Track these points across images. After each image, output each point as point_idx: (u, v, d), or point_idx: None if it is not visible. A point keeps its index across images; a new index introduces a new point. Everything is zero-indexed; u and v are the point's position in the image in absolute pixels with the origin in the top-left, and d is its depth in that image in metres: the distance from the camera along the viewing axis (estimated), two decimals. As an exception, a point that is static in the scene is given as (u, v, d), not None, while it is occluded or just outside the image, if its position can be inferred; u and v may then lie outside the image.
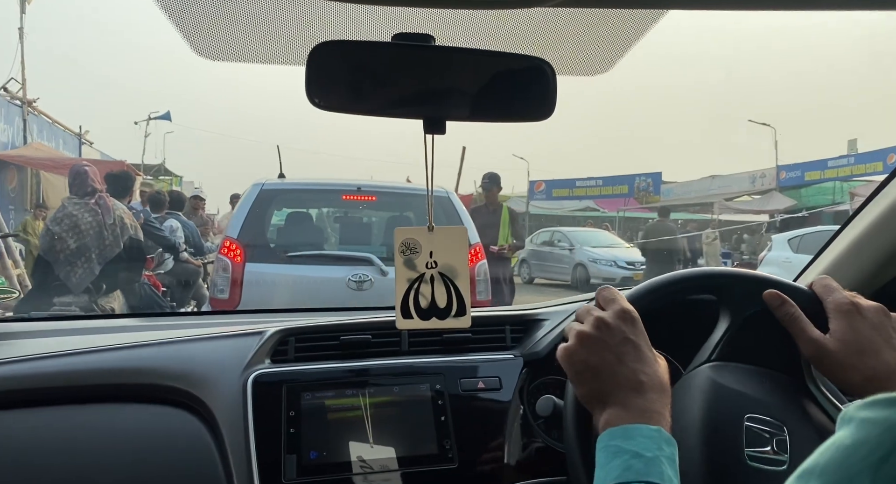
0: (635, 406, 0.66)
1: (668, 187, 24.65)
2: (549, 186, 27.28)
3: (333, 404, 0.96)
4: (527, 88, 0.81)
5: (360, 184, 4.25)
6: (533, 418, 1.01)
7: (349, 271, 3.71)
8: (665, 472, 0.61)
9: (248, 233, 3.78)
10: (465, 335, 1.09)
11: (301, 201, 4.48)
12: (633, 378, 0.68)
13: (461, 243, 0.89)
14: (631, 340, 0.70)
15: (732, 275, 0.86)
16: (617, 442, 0.63)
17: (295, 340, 1.04)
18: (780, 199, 18.54)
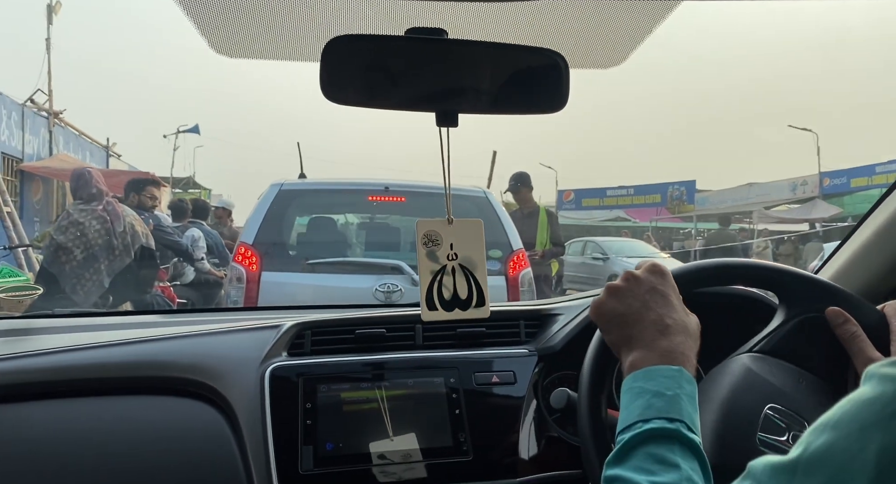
0: (659, 347, 0.69)
1: (703, 196, 24.28)
2: (578, 196, 27.16)
3: (349, 397, 0.99)
4: (539, 81, 0.83)
5: (388, 183, 3.85)
6: (548, 412, 1.03)
7: (376, 280, 3.43)
8: (685, 408, 0.64)
9: (265, 238, 3.50)
10: (479, 329, 1.11)
11: (323, 203, 4.17)
12: (658, 322, 0.71)
13: (478, 236, 0.92)
14: (658, 289, 0.74)
15: (799, 275, 0.86)
16: (640, 383, 0.67)
17: (311, 333, 1.08)
18: (824, 208, 18.07)
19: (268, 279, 3.39)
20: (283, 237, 3.79)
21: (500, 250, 3.60)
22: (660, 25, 0.80)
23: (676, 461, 0.60)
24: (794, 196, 20.42)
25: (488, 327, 1.12)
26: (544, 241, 4.90)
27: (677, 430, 0.62)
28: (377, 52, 0.80)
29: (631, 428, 0.64)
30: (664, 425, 0.63)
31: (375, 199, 3.93)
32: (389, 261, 3.61)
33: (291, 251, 3.84)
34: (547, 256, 4.88)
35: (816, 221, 16.74)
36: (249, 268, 3.40)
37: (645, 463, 0.61)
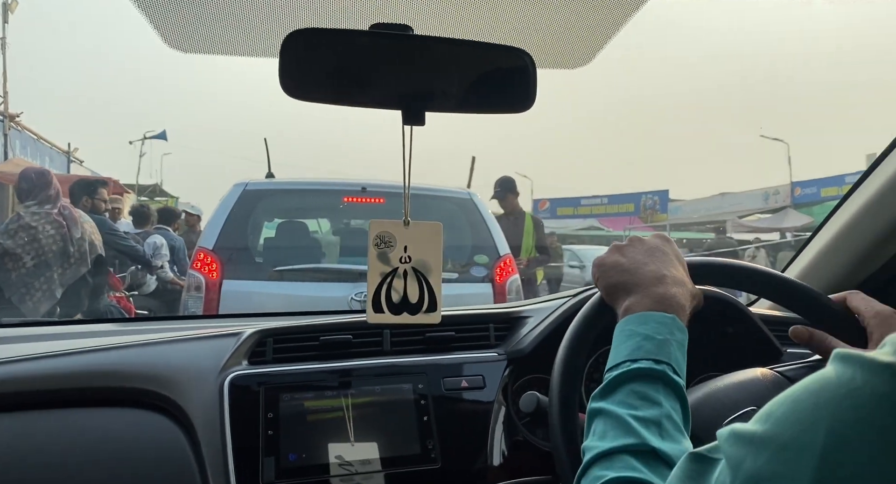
0: (655, 294, 0.71)
1: (676, 205, 24.81)
2: (553, 205, 27.48)
3: (313, 406, 0.97)
4: (507, 79, 0.84)
5: (366, 183, 3.62)
6: (517, 417, 1.03)
7: (352, 289, 3.23)
8: (673, 353, 0.67)
9: (228, 243, 3.27)
10: (448, 333, 1.10)
11: (293, 205, 3.95)
12: (657, 272, 0.74)
13: (436, 240, 0.91)
14: (661, 248, 0.78)
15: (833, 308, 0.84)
16: (632, 326, 0.69)
17: (273, 341, 1.06)
18: (795, 217, 18.56)
19: (230, 288, 3.19)
20: (248, 242, 3.58)
21: (486, 255, 3.54)
22: (626, 25, 0.81)
23: (659, 399, 0.63)
24: (767, 205, 20.97)
25: (457, 331, 1.11)
26: (530, 248, 4.85)
27: (663, 371, 0.65)
28: (340, 47, 0.79)
29: (619, 366, 0.67)
30: (651, 366, 0.65)
31: (351, 200, 3.68)
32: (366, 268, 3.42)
33: (257, 258, 3.65)
34: (532, 263, 4.83)
35: (788, 230, 17.19)
36: (209, 275, 3.19)
37: (629, 398, 0.64)
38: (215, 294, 3.16)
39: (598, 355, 1.12)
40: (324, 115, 26.15)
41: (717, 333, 1.08)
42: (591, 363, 1.12)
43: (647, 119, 72.41)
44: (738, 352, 1.09)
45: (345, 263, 3.74)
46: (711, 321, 0.85)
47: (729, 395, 0.83)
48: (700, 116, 70.41)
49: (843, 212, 1.16)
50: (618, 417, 0.63)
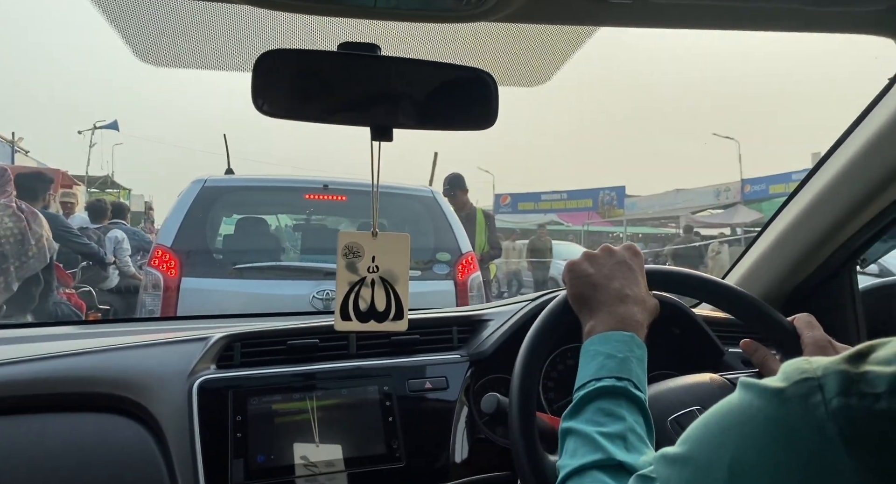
0: (616, 313, 0.78)
1: (633, 201, 25.39)
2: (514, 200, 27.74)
3: (281, 408, 1.00)
4: (470, 98, 0.88)
5: (328, 180, 3.62)
6: (478, 416, 1.08)
7: (314, 287, 3.23)
8: (633, 369, 0.73)
9: (186, 240, 3.25)
10: (413, 336, 1.14)
11: (253, 202, 3.94)
12: (619, 290, 0.80)
13: (404, 250, 0.95)
14: (627, 263, 0.83)
15: (764, 308, 0.91)
16: (595, 346, 0.76)
17: (241, 345, 1.08)
18: (745, 213, 19.23)
19: (189, 286, 3.16)
20: (207, 239, 3.53)
21: (448, 253, 3.59)
22: (580, 49, 0.87)
23: (623, 414, 0.69)
24: (718, 202, 21.62)
25: (422, 334, 1.16)
26: (483, 244, 4.90)
27: (625, 387, 0.71)
28: (309, 67, 0.82)
29: (585, 386, 0.73)
30: (614, 383, 0.71)
31: (313, 197, 3.68)
32: (328, 265, 3.38)
33: (217, 255, 3.61)
34: (486, 259, 4.86)
35: (738, 226, 17.79)
36: (167, 273, 3.15)
37: (595, 415, 0.70)
38: (174, 292, 3.12)
39: (555, 354, 1.18)
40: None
41: (666, 334, 1.15)
42: (549, 362, 1.18)
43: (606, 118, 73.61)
44: (684, 351, 1.16)
45: (306, 261, 3.74)
46: (661, 323, 0.91)
47: (678, 394, 0.90)
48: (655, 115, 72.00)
49: (779, 221, 1.25)
50: (586, 434, 0.68)
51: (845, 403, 0.38)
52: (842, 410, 0.38)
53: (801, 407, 0.39)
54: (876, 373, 0.39)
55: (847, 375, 0.39)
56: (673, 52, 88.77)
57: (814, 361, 0.41)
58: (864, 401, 0.38)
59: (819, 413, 0.39)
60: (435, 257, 3.62)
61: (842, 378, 0.39)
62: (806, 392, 0.40)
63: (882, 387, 0.38)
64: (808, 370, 0.41)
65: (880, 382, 0.38)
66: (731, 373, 0.99)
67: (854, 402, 0.38)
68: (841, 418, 0.38)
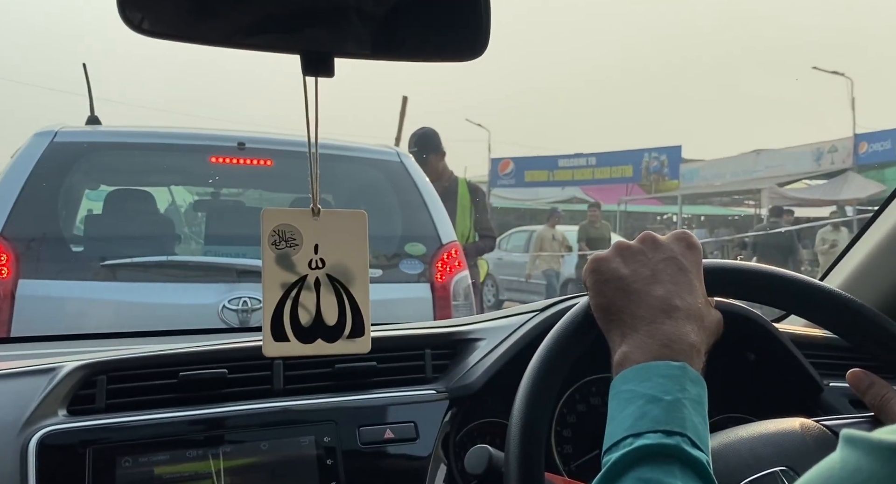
0: (661, 333, 0.78)
1: (692, 167, 25.55)
2: (519, 167, 27.84)
3: (167, 473, 1.00)
4: (448, 14, 0.88)
5: (245, 137, 3.61)
6: (461, 479, 1.09)
7: (224, 292, 3.25)
8: (688, 417, 0.72)
9: (25, 224, 3.19)
10: (367, 364, 1.15)
11: (133, 167, 3.87)
12: (666, 300, 0.80)
13: (359, 233, 0.95)
14: (678, 260, 0.84)
15: (883, 323, 0.91)
16: (631, 385, 0.75)
17: (107, 379, 1.07)
18: (860, 184, 19.36)
19: (30, 292, 3.12)
20: (59, 223, 3.48)
21: (422, 245, 3.63)
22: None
23: None
24: (819, 168, 21.78)
25: (380, 360, 1.17)
26: (468, 230, 4.89)
27: (677, 445, 0.70)
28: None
29: (619, 446, 0.72)
30: (661, 440, 0.70)
31: (223, 161, 3.64)
32: (245, 261, 3.40)
33: (75, 246, 3.59)
34: (469, 252, 4.73)
35: (848, 203, 17.92)
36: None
37: None
38: (5, 302, 3.08)
39: (573, 389, 1.20)
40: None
41: (737, 362, 1.17)
42: (564, 401, 1.19)
43: (654, 48, 73.70)
44: (764, 386, 1.18)
45: (213, 255, 3.73)
46: (729, 345, 0.93)
47: (753, 449, 0.92)
48: (727, 42, 72.33)
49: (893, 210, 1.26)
50: None
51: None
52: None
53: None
54: None
55: None
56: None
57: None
58: None
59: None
60: (403, 250, 3.63)
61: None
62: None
63: None
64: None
65: None
66: (832, 418, 1.00)
67: None
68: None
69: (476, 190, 5.16)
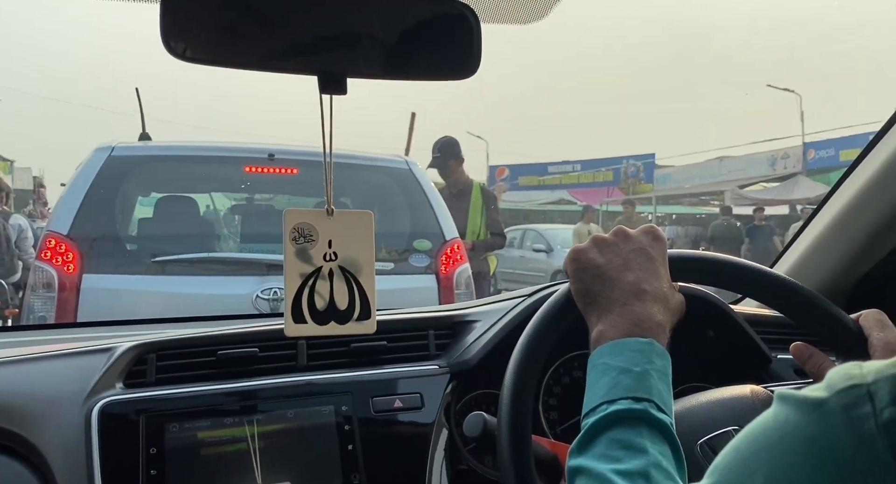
0: (631, 313, 0.79)
1: (665, 172, 25.53)
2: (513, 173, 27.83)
3: (209, 437, 1.01)
4: (445, 39, 0.89)
5: (274, 149, 3.64)
6: (461, 442, 1.10)
7: (257, 284, 3.26)
8: (654, 386, 0.74)
9: (88, 226, 3.20)
10: (378, 344, 1.15)
11: (178, 176, 3.90)
12: (636, 285, 0.81)
13: (367, 231, 0.96)
14: (646, 250, 0.84)
15: (822, 303, 0.91)
16: (605, 359, 0.76)
17: (156, 357, 1.08)
18: (809, 186, 19.29)
19: (93, 285, 3.13)
20: (116, 225, 3.53)
21: (429, 241, 3.62)
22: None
23: (644, 445, 0.69)
24: (774, 172, 21.73)
25: (390, 340, 1.17)
26: (478, 228, 4.84)
27: (645, 410, 0.71)
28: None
29: (596, 411, 0.73)
30: (631, 406, 0.72)
31: (256, 170, 3.68)
32: (274, 257, 3.36)
33: (129, 245, 3.62)
34: (479, 247, 4.76)
35: (799, 203, 17.88)
36: (63, 269, 3.12)
37: (610, 449, 0.70)
38: (72, 293, 3.11)
39: (559, 364, 1.20)
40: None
41: (698, 338, 1.17)
42: (551, 374, 1.19)
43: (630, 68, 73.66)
44: (721, 358, 1.18)
45: (248, 252, 3.75)
46: (691, 323, 0.93)
47: (710, 411, 0.92)
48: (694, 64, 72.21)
49: (840, 195, 1.27)
50: (599, 474, 0.68)
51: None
52: (895, 422, 0.39)
53: (846, 420, 0.41)
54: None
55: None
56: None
57: (865, 366, 0.43)
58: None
59: (867, 427, 0.40)
60: (412, 246, 3.64)
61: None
62: (852, 402, 0.41)
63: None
64: (856, 376, 0.42)
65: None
66: (778, 385, 1.00)
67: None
68: (894, 432, 0.39)
69: (489, 195, 5.11)
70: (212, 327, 1.20)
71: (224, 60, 0.83)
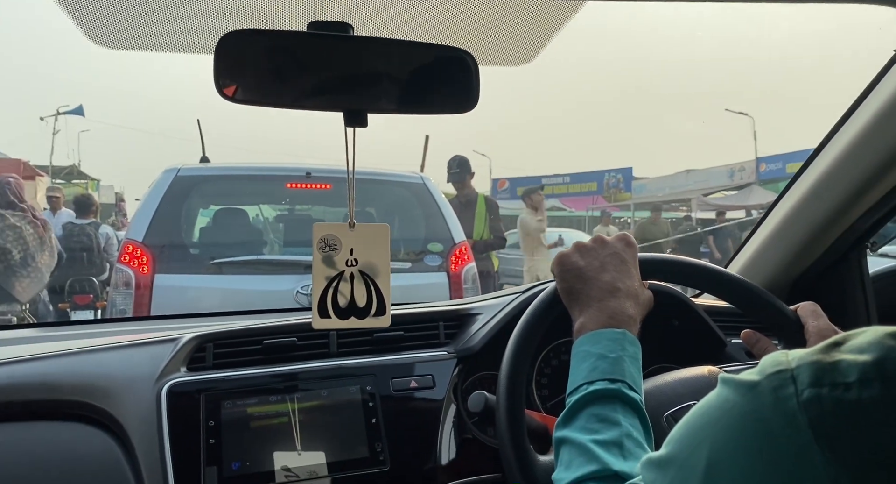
0: (607, 308, 0.79)
1: (641, 183, 25.41)
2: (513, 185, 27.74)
3: (257, 412, 1.01)
4: (449, 80, 0.89)
5: (310, 168, 3.64)
6: (467, 416, 1.10)
7: (298, 282, 3.25)
8: (627, 369, 0.75)
9: (159, 234, 3.29)
10: (396, 333, 1.16)
11: (231, 192, 3.96)
12: (611, 284, 0.81)
13: (383, 242, 0.96)
14: (619, 254, 0.85)
15: (765, 296, 0.92)
16: (585, 347, 0.77)
17: (213, 346, 1.09)
18: (761, 194, 19.19)
19: (163, 283, 3.19)
20: (182, 233, 3.58)
21: (440, 244, 3.61)
22: (568, 23, 0.87)
23: (618, 419, 0.70)
24: (732, 182, 21.61)
25: (406, 330, 1.17)
26: (482, 232, 4.90)
27: (619, 390, 0.72)
28: (277, 48, 0.82)
29: (577, 390, 0.74)
30: (607, 386, 0.73)
31: (295, 186, 3.71)
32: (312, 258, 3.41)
33: (193, 250, 3.65)
34: (479, 247, 4.76)
35: (753, 208, 17.78)
36: (139, 270, 3.19)
37: (589, 422, 0.71)
38: (147, 290, 3.15)
39: (549, 349, 1.20)
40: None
41: (664, 326, 1.16)
42: (542, 358, 1.19)
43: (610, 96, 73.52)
44: (684, 344, 1.18)
45: (289, 254, 3.76)
46: (659, 314, 0.93)
47: (674, 388, 0.92)
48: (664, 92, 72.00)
49: (783, 203, 1.27)
50: (580, 444, 0.69)
51: (816, 394, 0.40)
52: (812, 401, 0.40)
53: (773, 399, 0.41)
54: (848, 362, 0.40)
55: (819, 364, 0.41)
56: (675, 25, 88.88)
57: (791, 354, 0.43)
58: (835, 391, 0.39)
59: (790, 405, 0.40)
60: (426, 248, 3.64)
61: (814, 368, 0.41)
62: (779, 384, 0.41)
63: (853, 376, 0.39)
64: (783, 362, 0.42)
65: (851, 372, 0.40)
66: (731, 365, 1.00)
67: (825, 392, 0.40)
68: (811, 409, 0.39)
69: (491, 203, 5.19)
70: (259, 320, 1.21)
71: (265, 101, 0.83)
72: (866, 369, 0.39)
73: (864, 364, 0.40)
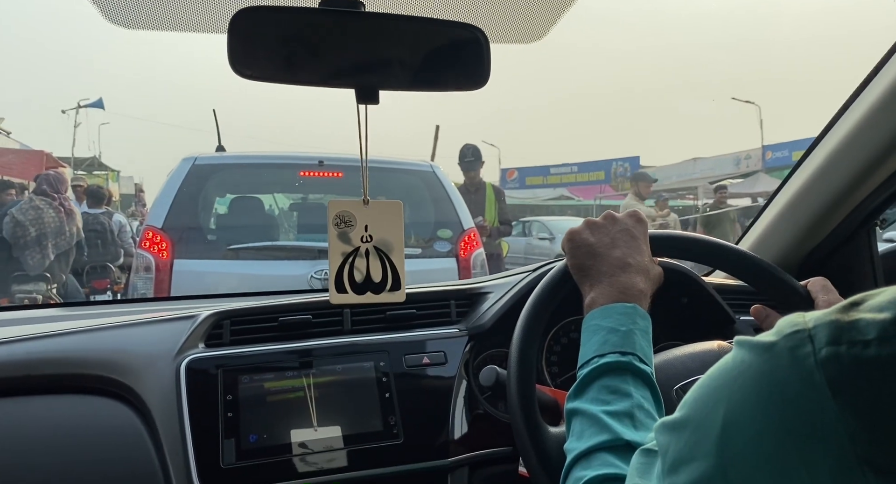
0: (618, 283, 0.78)
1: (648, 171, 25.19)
2: (521, 174, 27.68)
3: (273, 387, 1.02)
4: (460, 56, 0.87)
5: (323, 156, 3.65)
6: (478, 391, 1.09)
7: (312, 266, 3.30)
8: (637, 342, 0.74)
9: (177, 221, 3.30)
10: (409, 311, 1.15)
11: (247, 180, 3.98)
12: (622, 259, 0.80)
13: (397, 218, 0.95)
14: (630, 231, 0.84)
15: (776, 272, 0.90)
16: (597, 321, 0.76)
17: (230, 323, 1.09)
18: (767, 181, 19.03)
19: (182, 268, 3.22)
20: (199, 220, 3.59)
21: (450, 230, 3.61)
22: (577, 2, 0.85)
23: (629, 390, 0.70)
24: (738, 170, 21.43)
25: (419, 308, 1.16)
26: (493, 218, 4.96)
27: (629, 362, 0.72)
28: (289, 25, 0.81)
29: (589, 363, 0.73)
30: (618, 359, 0.72)
31: (308, 174, 3.71)
32: (325, 244, 3.39)
33: (210, 236, 3.65)
34: (494, 234, 4.91)
35: (759, 195, 17.62)
36: (159, 255, 3.21)
37: (600, 394, 0.70)
38: (166, 275, 3.19)
39: (559, 327, 1.19)
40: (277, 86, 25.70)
41: (674, 303, 1.15)
42: (552, 335, 1.18)
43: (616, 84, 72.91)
44: (694, 320, 1.17)
45: (303, 240, 3.78)
46: (669, 291, 0.92)
47: (684, 363, 0.91)
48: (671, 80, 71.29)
49: (792, 183, 1.25)
50: (591, 415, 0.68)
51: (834, 352, 0.39)
52: (830, 359, 0.38)
53: (790, 358, 0.40)
54: (867, 320, 0.39)
55: (838, 323, 0.40)
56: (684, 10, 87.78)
57: (808, 315, 0.42)
58: (854, 348, 0.38)
59: (808, 363, 0.39)
60: (436, 234, 3.64)
61: (832, 327, 0.40)
62: (796, 344, 0.40)
63: (872, 334, 0.38)
64: (799, 323, 0.41)
65: (870, 329, 0.38)
66: None
67: (843, 350, 0.38)
68: (829, 367, 0.38)
69: (498, 190, 5.24)
70: (274, 299, 1.20)
71: (277, 78, 0.83)
72: (885, 327, 0.38)
73: (884, 322, 0.38)
